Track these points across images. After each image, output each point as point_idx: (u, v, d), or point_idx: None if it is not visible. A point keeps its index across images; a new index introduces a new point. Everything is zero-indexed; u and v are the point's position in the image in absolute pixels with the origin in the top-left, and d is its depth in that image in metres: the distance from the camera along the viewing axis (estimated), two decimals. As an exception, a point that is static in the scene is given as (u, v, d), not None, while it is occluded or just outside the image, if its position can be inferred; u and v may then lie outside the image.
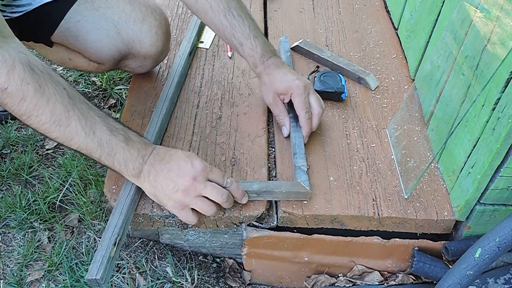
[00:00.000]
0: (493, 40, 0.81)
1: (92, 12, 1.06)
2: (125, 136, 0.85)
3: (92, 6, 1.06)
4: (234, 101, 1.17)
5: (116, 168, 0.86)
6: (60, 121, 0.80)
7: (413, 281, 1.03)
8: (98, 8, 1.06)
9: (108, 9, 1.06)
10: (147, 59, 1.13)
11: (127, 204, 0.90)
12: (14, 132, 1.35)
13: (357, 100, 1.19)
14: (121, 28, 1.07)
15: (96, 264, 0.80)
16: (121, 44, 1.08)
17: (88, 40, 1.08)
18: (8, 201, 1.15)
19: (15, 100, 0.78)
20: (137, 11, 1.07)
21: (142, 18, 1.07)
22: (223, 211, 0.94)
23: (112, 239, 0.84)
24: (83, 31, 1.07)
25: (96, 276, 0.79)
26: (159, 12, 1.11)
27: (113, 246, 0.83)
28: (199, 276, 1.03)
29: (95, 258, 0.81)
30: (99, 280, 0.80)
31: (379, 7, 1.50)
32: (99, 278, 0.79)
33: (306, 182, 0.96)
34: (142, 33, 1.08)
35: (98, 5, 1.06)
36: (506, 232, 0.80)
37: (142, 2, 1.10)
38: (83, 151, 0.84)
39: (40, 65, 0.80)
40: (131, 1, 1.08)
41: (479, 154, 0.86)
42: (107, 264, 0.81)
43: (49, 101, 0.79)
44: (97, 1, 1.06)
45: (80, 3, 1.06)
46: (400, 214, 0.96)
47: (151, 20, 1.08)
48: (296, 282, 1.07)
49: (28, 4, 1.05)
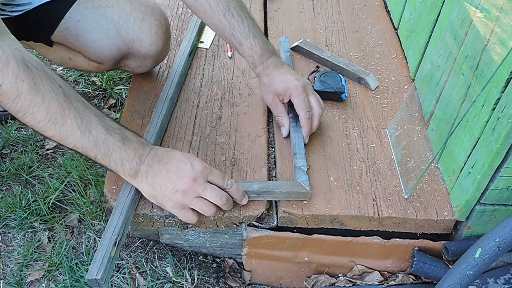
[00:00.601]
0: (493, 40, 0.81)
1: (92, 12, 1.06)
2: (122, 136, 0.85)
3: (92, 6, 1.06)
4: (234, 101, 1.17)
5: (113, 168, 0.86)
6: (56, 119, 0.79)
7: (413, 281, 1.03)
8: (98, 8, 1.06)
9: (108, 9, 1.06)
10: (147, 58, 1.13)
11: (127, 204, 0.90)
12: (14, 132, 1.35)
13: (357, 100, 1.19)
14: (121, 27, 1.06)
15: (96, 264, 0.80)
16: (121, 43, 1.08)
17: (88, 40, 1.08)
18: (8, 201, 1.15)
19: (10, 97, 0.77)
20: (137, 11, 1.07)
21: (142, 17, 1.07)
22: (223, 212, 0.94)
23: (112, 239, 0.84)
24: (83, 31, 1.07)
25: (96, 276, 0.79)
26: (159, 12, 1.11)
27: (113, 246, 0.83)
28: (199, 276, 1.03)
29: (95, 258, 0.81)
30: (99, 280, 0.80)
31: (379, 7, 1.50)
32: (99, 278, 0.79)
33: (306, 182, 0.96)
34: (142, 33, 1.08)
35: (98, 4, 1.06)
36: (506, 232, 0.80)
37: (142, 2, 1.10)
38: (79, 150, 0.83)
39: (35, 62, 0.80)
40: (131, 1, 1.08)
41: (479, 154, 0.86)
42: (107, 264, 0.81)
43: (44, 99, 0.78)
44: (97, 1, 1.06)
45: (80, 2, 1.06)
46: (400, 214, 0.96)
47: (151, 19, 1.08)
48: (296, 282, 1.07)
49: (28, 3, 1.05)
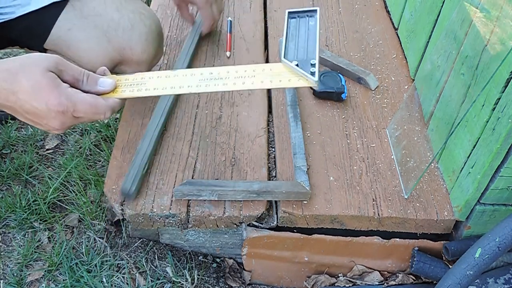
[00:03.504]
0: (493, 40, 0.81)
1: (82, 21, 1.05)
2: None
3: (81, 14, 1.05)
4: (234, 101, 1.17)
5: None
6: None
7: (413, 281, 1.03)
8: (87, 16, 1.05)
9: (97, 17, 1.05)
10: (140, 65, 1.12)
11: (157, 129, 1.04)
12: (14, 132, 1.35)
13: (357, 100, 1.19)
14: (111, 36, 1.05)
15: (130, 178, 0.96)
16: (112, 52, 1.07)
17: (81, 49, 1.06)
18: (8, 201, 1.15)
19: None
20: (125, 19, 1.05)
21: (131, 25, 1.06)
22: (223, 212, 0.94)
23: (144, 159, 0.99)
24: (75, 40, 1.06)
25: (127, 186, 0.95)
26: (149, 16, 1.09)
27: (144, 166, 0.99)
28: (199, 276, 1.03)
29: (128, 173, 0.97)
30: (130, 191, 0.95)
31: (379, 7, 1.50)
32: (131, 190, 0.95)
33: (306, 182, 0.96)
34: (132, 41, 1.06)
35: (87, 13, 1.05)
36: (506, 232, 0.80)
37: (130, 8, 1.07)
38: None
39: None
40: (119, 8, 1.05)
41: (479, 154, 0.86)
42: (138, 180, 0.97)
43: None
44: (85, 9, 1.04)
45: (69, 10, 1.04)
46: (400, 214, 0.96)
47: (141, 26, 1.06)
48: (296, 282, 1.07)
49: (11, 12, 1.04)
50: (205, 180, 0.98)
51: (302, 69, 0.73)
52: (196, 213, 0.95)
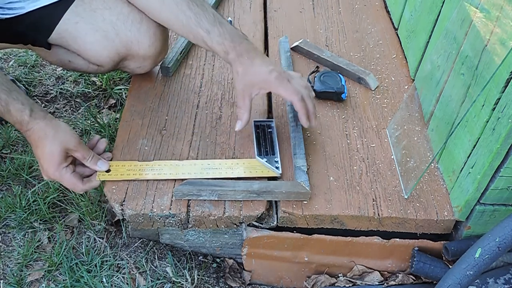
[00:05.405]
0: (493, 40, 0.81)
1: (90, 14, 1.06)
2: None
3: (90, 8, 1.06)
4: (234, 101, 1.17)
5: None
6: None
7: (413, 281, 1.03)
8: (96, 10, 1.06)
9: (106, 11, 1.06)
10: (146, 60, 1.13)
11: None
12: (14, 132, 1.35)
13: (357, 100, 1.19)
14: (119, 29, 1.06)
15: (170, 56, 1.22)
16: (119, 45, 1.08)
17: (87, 42, 1.08)
18: (8, 201, 1.15)
19: None
20: (135, 12, 1.07)
21: (140, 19, 1.07)
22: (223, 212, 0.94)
23: (182, 45, 1.24)
24: (82, 33, 1.07)
25: (168, 65, 1.20)
26: None
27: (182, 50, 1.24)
28: (199, 276, 1.03)
29: (171, 51, 1.22)
30: (169, 68, 1.20)
31: (379, 7, 1.50)
32: (170, 66, 1.20)
33: (306, 182, 0.96)
34: (141, 34, 1.08)
35: (96, 6, 1.06)
36: (506, 232, 0.80)
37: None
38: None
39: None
40: (128, 3, 1.07)
41: (479, 154, 0.86)
42: (176, 61, 1.22)
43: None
44: (95, 3, 1.06)
45: (78, 4, 1.06)
46: (400, 214, 0.96)
47: (149, 20, 1.08)
48: (296, 282, 1.07)
49: (21, 7, 1.04)
50: (205, 180, 0.98)
51: (270, 164, 1.01)
52: (196, 213, 0.95)
